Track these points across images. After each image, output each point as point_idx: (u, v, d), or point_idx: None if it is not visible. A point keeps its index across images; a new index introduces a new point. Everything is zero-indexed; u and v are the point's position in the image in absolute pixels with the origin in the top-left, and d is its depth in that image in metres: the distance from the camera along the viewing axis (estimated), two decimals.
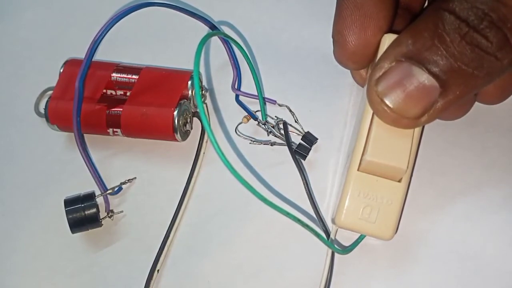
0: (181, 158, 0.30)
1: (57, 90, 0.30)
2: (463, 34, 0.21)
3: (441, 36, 0.21)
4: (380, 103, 0.22)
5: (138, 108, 0.29)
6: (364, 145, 0.24)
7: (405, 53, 0.22)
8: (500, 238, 0.27)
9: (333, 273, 0.27)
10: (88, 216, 0.28)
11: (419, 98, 0.22)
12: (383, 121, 0.23)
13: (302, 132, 0.30)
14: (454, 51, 0.21)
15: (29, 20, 0.36)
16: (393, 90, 0.22)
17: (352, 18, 0.25)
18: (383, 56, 0.23)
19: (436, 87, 0.22)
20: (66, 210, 0.28)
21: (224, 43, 0.30)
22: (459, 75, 0.21)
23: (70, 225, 0.28)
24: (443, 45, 0.21)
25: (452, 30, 0.21)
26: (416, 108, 0.22)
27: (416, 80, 0.22)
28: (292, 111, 0.30)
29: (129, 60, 0.32)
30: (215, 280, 0.27)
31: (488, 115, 0.29)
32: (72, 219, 0.28)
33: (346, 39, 0.25)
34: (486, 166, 0.28)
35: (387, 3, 0.25)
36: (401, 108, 0.22)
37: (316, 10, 0.33)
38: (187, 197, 0.29)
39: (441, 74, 0.21)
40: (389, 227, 0.24)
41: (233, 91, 0.31)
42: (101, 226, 0.29)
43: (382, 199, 0.24)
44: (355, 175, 0.24)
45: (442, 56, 0.21)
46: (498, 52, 0.21)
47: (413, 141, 0.24)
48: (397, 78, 0.22)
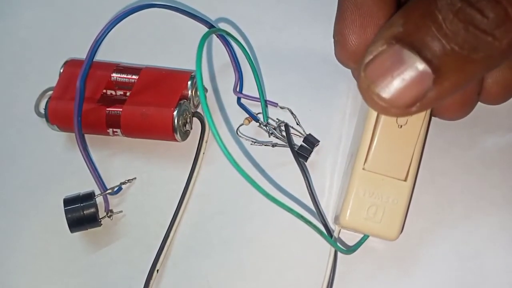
0: (181, 158, 0.30)
1: (57, 90, 0.30)
2: (456, 10, 0.18)
3: (433, 14, 0.19)
4: (368, 90, 0.21)
5: (138, 108, 0.29)
6: (369, 143, 0.24)
7: (395, 35, 0.20)
8: (500, 238, 0.27)
9: (335, 273, 0.27)
10: (87, 216, 0.28)
11: (410, 86, 0.20)
12: (372, 109, 0.22)
13: (303, 134, 0.30)
14: (446, 31, 0.19)
15: (29, 20, 0.36)
16: (382, 77, 0.20)
17: (352, 17, 0.24)
18: (375, 39, 0.21)
19: (428, 73, 0.19)
20: (65, 209, 0.28)
21: (226, 45, 0.30)
22: (454, 59, 0.19)
23: (69, 224, 0.28)
24: (435, 24, 0.19)
25: (444, 5, 0.19)
26: (406, 97, 0.20)
27: (407, 65, 0.20)
28: (293, 114, 0.30)
29: (129, 60, 0.32)
30: (215, 280, 0.27)
31: (488, 115, 0.29)
32: (71, 218, 0.28)
33: (346, 38, 0.25)
34: (486, 166, 0.28)
35: (387, 2, 0.25)
36: (390, 97, 0.20)
37: (316, 10, 0.33)
38: (187, 197, 0.29)
39: (433, 59, 0.19)
40: (395, 227, 0.24)
41: (235, 94, 0.31)
42: (100, 225, 0.29)
43: (388, 198, 0.24)
44: (360, 174, 0.24)
45: (433, 37, 0.19)
46: (496, 30, 0.18)
47: (419, 139, 0.24)
48: (387, 63, 0.20)
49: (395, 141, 0.24)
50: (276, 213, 0.28)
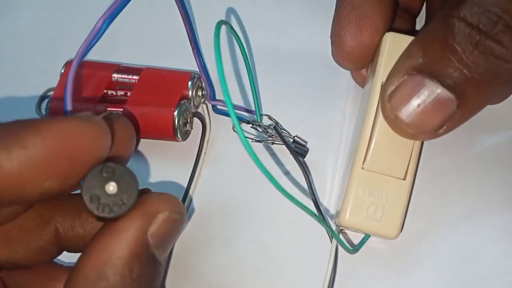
0: (181, 158, 0.30)
1: (58, 90, 0.30)
2: (475, 43, 0.20)
3: (452, 47, 0.20)
4: (396, 120, 0.22)
5: (139, 108, 0.29)
6: (367, 143, 0.24)
7: (416, 67, 0.21)
8: (501, 238, 0.27)
9: (336, 273, 0.27)
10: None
11: (435, 111, 0.21)
12: (402, 136, 0.23)
13: (292, 137, 0.30)
14: (467, 62, 0.20)
15: (29, 20, 0.36)
16: (408, 106, 0.21)
17: (349, 18, 0.24)
18: (394, 70, 0.22)
19: (452, 99, 0.21)
20: None
21: (196, 54, 0.29)
22: (475, 86, 0.20)
23: None
24: (455, 57, 0.20)
25: (463, 39, 0.20)
26: (433, 122, 0.21)
27: (430, 93, 0.21)
28: (274, 119, 0.30)
29: (129, 60, 0.32)
30: (215, 280, 0.28)
31: (488, 115, 0.29)
32: None
33: (343, 39, 0.25)
34: (486, 166, 0.28)
35: (384, 3, 0.25)
36: (417, 123, 0.21)
37: (316, 11, 0.33)
38: (188, 197, 0.29)
39: (456, 86, 0.20)
40: (395, 225, 0.24)
41: (209, 102, 0.31)
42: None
43: (387, 197, 0.24)
44: (359, 173, 0.24)
45: (455, 68, 0.20)
46: None
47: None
48: (410, 92, 0.21)
49: (394, 140, 0.24)
50: (276, 213, 0.28)
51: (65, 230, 0.21)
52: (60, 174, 0.17)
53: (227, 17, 0.34)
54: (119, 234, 0.18)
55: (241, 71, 0.32)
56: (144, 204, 0.19)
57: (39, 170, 0.17)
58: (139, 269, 0.18)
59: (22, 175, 0.17)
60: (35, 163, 0.17)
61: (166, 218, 0.19)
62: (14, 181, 0.17)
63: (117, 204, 0.18)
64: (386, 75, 0.23)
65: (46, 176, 0.17)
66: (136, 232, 0.19)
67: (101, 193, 0.18)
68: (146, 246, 0.19)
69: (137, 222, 0.19)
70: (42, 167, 0.17)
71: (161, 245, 0.20)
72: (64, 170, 0.17)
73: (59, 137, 0.17)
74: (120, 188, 0.19)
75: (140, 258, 0.19)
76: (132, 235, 0.18)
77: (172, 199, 0.20)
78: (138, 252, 0.19)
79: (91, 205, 0.18)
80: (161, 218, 0.19)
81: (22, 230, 0.21)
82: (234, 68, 0.32)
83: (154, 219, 0.19)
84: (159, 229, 0.19)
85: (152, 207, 0.19)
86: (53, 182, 0.17)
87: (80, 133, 0.18)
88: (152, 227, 0.19)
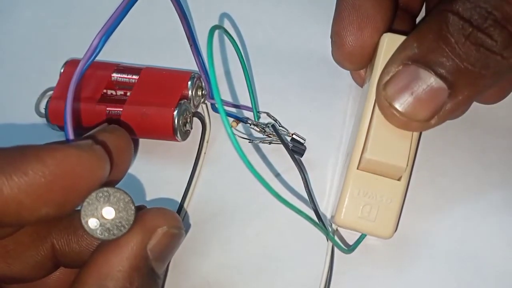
0: (181, 158, 0.30)
1: (57, 90, 0.30)
2: (467, 34, 0.21)
3: (446, 38, 0.21)
4: (389, 107, 0.23)
5: (138, 108, 0.29)
6: (363, 143, 0.24)
7: (411, 56, 0.22)
8: (500, 238, 0.27)
9: (333, 272, 0.27)
10: None
11: (428, 100, 0.22)
12: (394, 124, 0.23)
13: (289, 135, 0.30)
14: (460, 52, 0.21)
15: (29, 20, 0.36)
16: (402, 94, 0.22)
17: (349, 19, 0.25)
18: (390, 60, 0.23)
19: (444, 88, 0.21)
20: None
21: (195, 53, 0.29)
22: (466, 76, 0.21)
23: None
24: (448, 47, 0.21)
25: (456, 31, 0.21)
26: (425, 111, 0.22)
27: (424, 82, 0.22)
28: (273, 116, 0.30)
29: (129, 60, 0.32)
30: (215, 280, 0.28)
31: (487, 115, 0.29)
32: None
33: (344, 39, 0.25)
34: (486, 166, 0.28)
35: (385, 4, 0.25)
36: (410, 112, 0.22)
37: (316, 11, 0.33)
38: (188, 197, 0.29)
39: (448, 76, 0.21)
40: (389, 225, 0.24)
41: (208, 101, 0.31)
42: None
43: (382, 197, 0.24)
44: (354, 173, 0.24)
45: (447, 57, 0.21)
46: (504, 50, 0.21)
47: (413, 139, 0.24)
48: (404, 81, 0.22)
49: (390, 141, 0.24)
50: (275, 213, 0.28)
51: (61, 246, 0.22)
52: (58, 202, 0.18)
53: (227, 17, 0.34)
54: (120, 248, 0.19)
55: (241, 70, 0.32)
56: (143, 219, 0.20)
57: (38, 197, 0.17)
58: (139, 281, 0.19)
59: (20, 202, 0.17)
60: (35, 190, 0.17)
61: (165, 233, 0.20)
62: (13, 207, 0.17)
63: (117, 226, 0.19)
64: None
65: (44, 203, 0.17)
66: (136, 246, 0.19)
67: (100, 218, 0.19)
68: (146, 259, 0.19)
69: (138, 236, 0.19)
70: (41, 194, 0.17)
71: (160, 258, 0.20)
72: (62, 198, 0.18)
73: (59, 166, 0.17)
74: (117, 211, 0.19)
75: (140, 271, 0.19)
76: (133, 249, 0.19)
77: (171, 214, 0.21)
78: (138, 266, 0.19)
79: (92, 231, 0.19)
80: (160, 233, 0.20)
81: (19, 245, 0.21)
82: (234, 68, 0.32)
83: (153, 233, 0.20)
84: (158, 243, 0.20)
85: (152, 222, 0.20)
86: (50, 209, 0.18)
87: (79, 163, 0.18)
88: (151, 241, 0.20)
